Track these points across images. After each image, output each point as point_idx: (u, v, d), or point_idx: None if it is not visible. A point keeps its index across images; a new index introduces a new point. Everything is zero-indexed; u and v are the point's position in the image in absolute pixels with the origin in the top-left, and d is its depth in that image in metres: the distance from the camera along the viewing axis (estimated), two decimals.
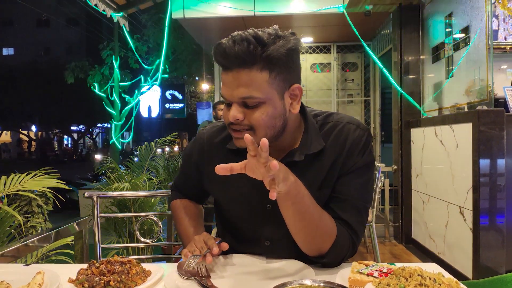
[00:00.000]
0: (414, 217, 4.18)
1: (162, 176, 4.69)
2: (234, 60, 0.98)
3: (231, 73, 0.99)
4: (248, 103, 1.00)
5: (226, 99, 1.03)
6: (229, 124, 1.05)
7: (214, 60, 1.06)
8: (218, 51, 1.00)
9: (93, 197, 1.67)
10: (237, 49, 0.96)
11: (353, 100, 6.61)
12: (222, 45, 0.99)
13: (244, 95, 0.99)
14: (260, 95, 0.99)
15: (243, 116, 1.01)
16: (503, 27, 3.74)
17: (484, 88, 3.17)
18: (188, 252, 1.06)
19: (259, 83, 0.99)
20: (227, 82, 1.01)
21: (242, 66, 0.98)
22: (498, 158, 2.75)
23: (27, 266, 1.08)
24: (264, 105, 1.01)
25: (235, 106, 1.01)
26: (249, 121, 1.01)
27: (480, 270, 2.77)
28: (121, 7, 5.28)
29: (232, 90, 1.00)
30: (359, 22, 4.82)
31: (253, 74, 0.98)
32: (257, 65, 0.98)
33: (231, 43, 0.97)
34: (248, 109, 1.01)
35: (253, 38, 0.97)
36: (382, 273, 0.91)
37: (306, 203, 1.00)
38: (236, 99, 1.00)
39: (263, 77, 0.99)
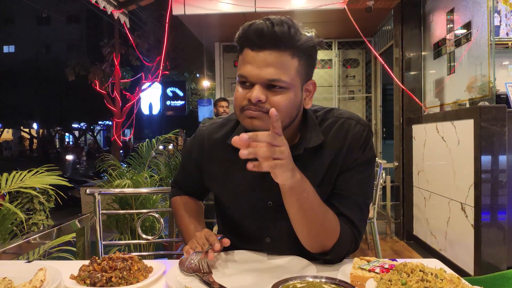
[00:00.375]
0: (416, 214, 4.18)
1: (163, 173, 4.70)
2: (270, 40, 0.98)
3: (263, 53, 0.98)
4: (275, 85, 0.99)
5: (249, 79, 1.01)
6: (243, 106, 1.02)
7: (236, 40, 1.04)
8: (253, 29, 0.99)
9: (95, 194, 1.68)
10: (277, 30, 0.97)
11: (354, 96, 6.60)
12: (258, 24, 0.98)
13: (273, 76, 0.98)
14: (288, 80, 1.00)
15: (265, 98, 1.00)
16: (505, 23, 3.72)
17: (486, 84, 3.16)
18: (189, 248, 1.06)
19: (288, 67, 1.00)
20: (255, 62, 0.99)
21: (277, 48, 0.98)
22: (499, 154, 2.75)
23: (29, 263, 1.08)
24: (288, 91, 1.01)
25: (259, 87, 0.99)
26: (271, 104, 1.00)
27: (482, 266, 2.77)
28: (122, 4, 5.27)
29: (260, 69, 0.98)
30: (360, 18, 4.80)
31: (285, 58, 0.99)
32: (290, 50, 0.99)
33: (269, 23, 0.97)
34: (270, 92, 1.00)
35: (292, 23, 0.99)
36: (384, 269, 0.91)
37: (311, 200, 0.99)
38: (262, 79, 0.99)
39: (293, 63, 1.01)
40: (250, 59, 1.00)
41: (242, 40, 1.03)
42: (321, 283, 0.87)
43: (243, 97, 1.02)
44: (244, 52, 1.02)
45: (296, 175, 0.93)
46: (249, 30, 1.00)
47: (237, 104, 1.05)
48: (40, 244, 1.52)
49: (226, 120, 1.24)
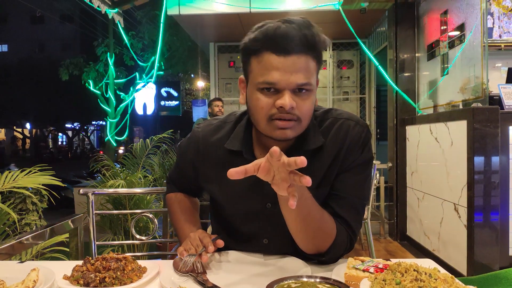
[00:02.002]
0: (409, 214, 4.20)
1: (157, 174, 4.68)
2: (300, 44, 0.95)
3: (291, 58, 0.96)
4: (305, 89, 0.98)
5: (277, 85, 0.97)
6: (272, 115, 0.99)
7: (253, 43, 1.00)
8: (280, 33, 0.95)
9: (88, 194, 1.67)
10: (307, 33, 0.96)
11: (349, 97, 6.62)
12: (284, 28, 0.95)
13: (303, 81, 0.97)
14: (313, 83, 1.00)
15: (295, 104, 0.98)
16: (498, 25, 3.76)
17: (479, 85, 3.18)
18: (183, 250, 1.06)
19: (312, 70, 1.00)
20: (283, 67, 0.96)
21: (305, 51, 0.97)
22: (492, 155, 2.77)
23: (22, 264, 1.07)
24: (312, 93, 1.01)
25: (289, 93, 0.97)
26: (299, 110, 0.99)
27: (475, 266, 2.78)
28: (116, 3, 5.25)
29: (290, 75, 0.96)
30: (354, 19, 4.82)
31: (309, 61, 0.99)
32: (312, 53, 0.99)
33: (296, 27, 0.95)
34: (298, 97, 0.99)
35: (313, 25, 0.98)
36: (378, 269, 0.91)
37: (309, 205, 0.98)
38: (292, 85, 0.97)
39: (313, 65, 1.00)
40: (276, 65, 0.96)
41: (263, 43, 0.98)
42: (316, 283, 0.87)
43: (270, 105, 0.99)
44: (265, 56, 0.98)
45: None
46: (274, 34, 0.96)
47: (264, 113, 1.00)
48: (33, 244, 1.51)
49: (222, 122, 1.22)
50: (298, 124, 1.00)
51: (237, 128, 1.16)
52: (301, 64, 0.96)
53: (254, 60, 1.01)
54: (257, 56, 1.00)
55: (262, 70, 0.98)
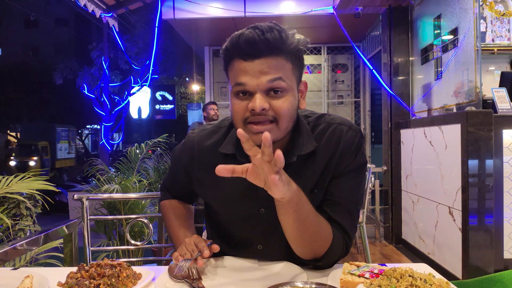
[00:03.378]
0: (404, 218, 4.21)
1: (152, 178, 4.67)
2: (263, 47, 0.97)
3: (258, 61, 0.98)
4: (277, 87, 0.99)
5: (247, 88, 0.99)
6: (246, 118, 1.01)
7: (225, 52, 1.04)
8: (244, 39, 0.98)
9: (83, 200, 1.66)
10: (268, 36, 0.97)
11: (343, 101, 6.64)
12: (248, 34, 0.98)
13: (274, 76, 0.98)
14: (288, 81, 1.01)
15: (268, 105, 0.99)
16: (490, 29, 3.79)
17: (473, 89, 3.20)
18: (178, 255, 1.05)
19: (286, 70, 1.01)
20: (251, 70, 0.98)
21: (272, 53, 0.99)
22: (486, 158, 2.78)
23: (16, 270, 1.06)
24: (287, 94, 1.01)
25: (261, 95, 0.98)
26: (274, 110, 1.00)
27: (470, 269, 2.79)
28: (111, 8, 5.24)
29: (259, 76, 0.98)
30: (349, 23, 4.84)
31: (281, 61, 1.00)
32: (283, 54, 1.00)
33: (258, 32, 0.97)
34: (272, 98, 1.00)
35: (280, 27, 1.00)
36: (373, 274, 0.91)
37: (306, 211, 0.98)
38: (263, 85, 0.98)
39: (288, 66, 1.02)
40: (245, 69, 0.99)
41: (232, 51, 1.02)
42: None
43: (244, 108, 1.00)
44: (235, 63, 1.01)
45: (293, 186, 0.91)
46: (239, 41, 0.99)
47: (239, 117, 1.02)
48: (27, 250, 1.50)
49: (216, 127, 1.23)
50: (275, 127, 1.01)
51: (231, 132, 1.16)
52: (269, 65, 0.98)
53: (229, 68, 1.05)
54: (230, 64, 1.04)
55: (234, 76, 1.02)
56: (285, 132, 1.05)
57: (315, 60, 6.54)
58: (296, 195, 0.93)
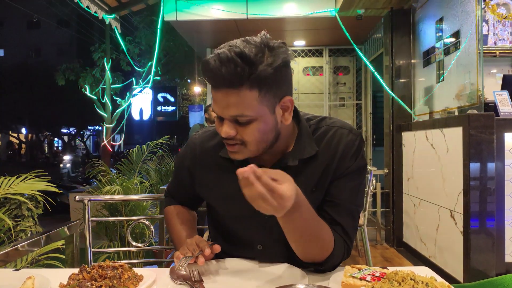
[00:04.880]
0: (406, 221, 4.20)
1: (154, 180, 4.67)
2: (221, 81, 0.96)
3: (220, 92, 0.98)
4: (240, 120, 1.00)
5: (219, 115, 1.03)
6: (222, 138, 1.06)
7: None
8: (206, 70, 0.98)
9: (84, 201, 1.66)
10: (224, 71, 0.93)
11: (345, 103, 6.64)
12: (209, 65, 0.96)
13: (235, 113, 0.98)
14: (251, 113, 0.98)
15: (235, 132, 1.01)
16: (492, 32, 3.78)
17: (475, 92, 3.20)
18: (180, 254, 1.07)
19: (248, 102, 0.97)
20: (217, 100, 1.00)
21: (231, 87, 0.96)
22: (488, 161, 2.78)
23: (17, 271, 1.06)
24: (256, 121, 1.00)
25: (227, 123, 1.01)
26: (242, 136, 1.02)
27: (471, 273, 2.78)
28: (113, 9, 5.26)
29: (223, 108, 0.99)
30: (351, 26, 4.84)
31: (242, 94, 0.96)
32: (245, 85, 0.95)
33: (218, 64, 0.94)
34: (240, 125, 1.01)
35: (239, 58, 0.93)
36: (375, 277, 0.91)
37: (307, 217, 0.97)
38: (227, 116, 1.00)
39: (252, 96, 0.97)
40: (214, 96, 1.01)
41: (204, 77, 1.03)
42: None
43: (218, 129, 1.05)
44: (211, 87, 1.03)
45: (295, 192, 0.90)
46: (203, 70, 0.99)
47: (220, 136, 1.07)
48: (28, 251, 1.50)
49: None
50: (244, 148, 1.03)
51: None
52: (231, 99, 0.97)
53: None
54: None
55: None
56: (257, 152, 1.06)
57: (317, 62, 6.54)
58: (296, 202, 0.91)
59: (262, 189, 0.82)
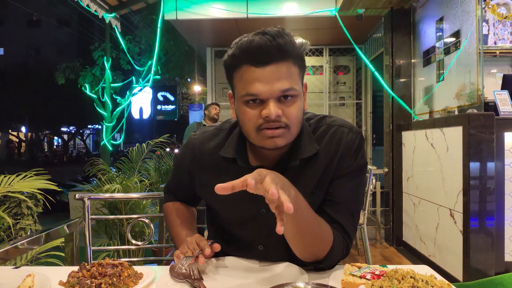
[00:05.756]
0: (405, 220, 4.20)
1: (153, 178, 4.67)
2: (276, 53, 0.97)
3: (270, 67, 0.98)
4: (289, 94, 0.99)
5: (260, 96, 0.98)
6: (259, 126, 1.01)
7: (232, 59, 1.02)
8: (255, 46, 0.97)
9: (84, 199, 1.66)
10: (281, 42, 0.97)
11: (345, 103, 6.64)
12: (258, 40, 0.97)
13: (287, 86, 0.98)
14: (297, 87, 1.01)
15: (281, 112, 0.99)
16: (493, 32, 3.78)
17: (475, 91, 3.20)
18: (180, 253, 1.06)
19: (295, 75, 1.02)
20: (263, 78, 0.98)
21: (283, 59, 0.99)
22: (488, 161, 2.78)
23: (17, 269, 1.06)
24: (298, 99, 1.02)
25: (274, 102, 0.98)
26: (286, 116, 1.00)
27: (470, 272, 2.79)
28: (113, 8, 5.26)
29: (272, 84, 0.98)
30: (351, 25, 4.84)
31: (290, 66, 1.00)
32: (292, 59, 1.01)
33: (269, 37, 0.97)
34: (283, 104, 1.00)
35: (287, 32, 1.00)
36: (375, 275, 0.91)
37: (306, 216, 0.97)
38: (276, 93, 0.98)
39: (296, 70, 1.02)
40: (256, 76, 0.98)
41: (241, 58, 1.00)
42: None
43: (256, 116, 1.00)
44: (244, 69, 1.00)
45: (291, 194, 0.90)
46: (250, 47, 0.97)
47: (251, 125, 1.02)
48: (28, 249, 1.50)
49: (217, 130, 1.24)
50: (287, 131, 1.01)
51: (232, 135, 1.17)
52: (282, 71, 0.98)
53: (236, 75, 1.04)
54: (238, 71, 1.02)
55: (244, 83, 1.00)
56: (295, 136, 1.05)
57: (317, 61, 6.54)
58: (294, 201, 0.90)
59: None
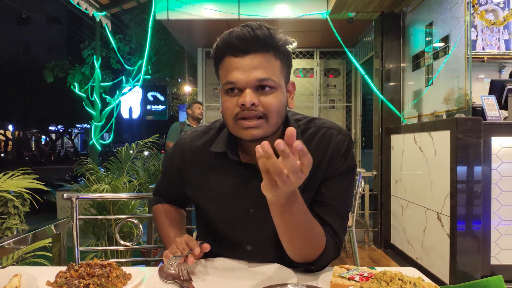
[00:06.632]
0: (393, 222, 4.23)
1: (142, 179, 4.64)
2: (254, 43, 1.01)
3: (248, 57, 1.01)
4: (266, 85, 1.01)
5: (237, 85, 1.01)
6: (236, 114, 1.02)
7: (216, 50, 1.06)
8: (234, 36, 1.01)
9: (72, 199, 1.64)
10: (259, 33, 1.01)
11: (335, 105, 6.68)
12: (238, 31, 1.01)
13: (263, 76, 1.01)
14: (276, 80, 1.03)
15: (258, 101, 1.01)
16: (481, 38, 3.84)
17: (463, 96, 3.24)
18: (169, 253, 1.06)
19: (274, 67, 1.03)
20: (241, 66, 1.01)
21: (262, 50, 1.02)
22: (475, 165, 2.81)
23: (3, 269, 1.05)
24: (276, 91, 1.04)
25: (250, 91, 1.01)
26: (263, 106, 1.02)
27: (457, 275, 2.82)
28: (104, 7, 5.22)
29: (249, 72, 1.00)
30: (342, 28, 4.87)
31: (270, 59, 1.03)
32: (272, 51, 1.03)
33: (249, 29, 1.01)
34: (261, 94, 1.02)
35: (269, 26, 1.04)
36: (363, 277, 0.92)
37: (301, 214, 0.96)
38: (253, 82, 1.01)
39: (276, 64, 1.04)
40: (235, 65, 1.02)
41: (223, 49, 1.04)
42: None
43: (234, 105, 1.03)
44: (226, 60, 1.04)
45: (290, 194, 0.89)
46: (230, 38, 1.02)
47: (229, 113, 1.04)
48: (14, 249, 1.48)
49: (207, 129, 1.24)
50: (265, 122, 1.02)
51: (222, 132, 1.18)
52: (259, 61, 1.01)
53: (219, 66, 1.08)
54: (221, 62, 1.06)
55: (225, 72, 1.04)
56: (274, 128, 1.06)
57: (308, 64, 6.57)
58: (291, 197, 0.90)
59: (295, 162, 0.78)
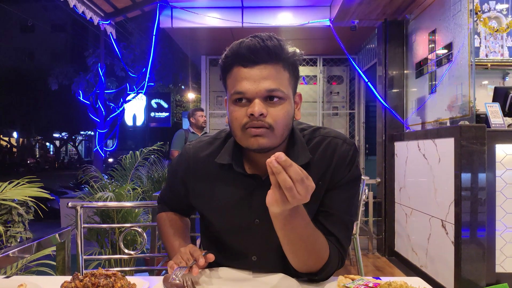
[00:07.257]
0: (397, 230, 4.21)
1: (146, 186, 4.65)
2: (263, 54, 1.01)
3: (258, 67, 1.02)
4: (274, 95, 1.02)
5: (246, 95, 1.01)
6: (244, 124, 1.03)
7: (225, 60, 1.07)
8: (244, 47, 1.01)
9: (77, 207, 1.65)
10: (269, 44, 1.01)
11: (338, 112, 6.68)
12: (248, 42, 1.02)
13: (272, 86, 1.01)
14: (285, 90, 1.03)
15: (266, 111, 1.01)
16: (484, 45, 3.84)
17: (466, 103, 3.24)
18: (174, 264, 1.05)
19: (283, 78, 1.04)
20: (251, 77, 1.01)
21: (271, 61, 1.02)
22: (479, 172, 2.80)
23: (8, 279, 1.05)
24: (285, 102, 1.04)
25: (259, 101, 1.01)
26: (271, 117, 1.02)
27: (462, 283, 2.80)
28: (109, 15, 5.25)
29: (258, 83, 1.01)
30: (345, 36, 4.89)
31: (279, 70, 1.04)
32: (282, 62, 1.04)
33: (259, 40, 1.01)
34: (269, 105, 1.02)
35: (279, 37, 1.04)
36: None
37: (304, 227, 0.97)
38: (262, 92, 1.01)
39: (285, 75, 1.05)
40: (245, 75, 1.02)
41: (232, 58, 1.04)
42: None
43: (243, 114, 1.02)
44: (235, 70, 1.04)
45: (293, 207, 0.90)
46: (240, 48, 1.02)
47: (238, 123, 1.04)
48: (19, 258, 1.48)
49: (212, 139, 1.24)
50: (270, 132, 1.02)
51: (227, 143, 1.18)
52: (269, 72, 1.02)
53: (227, 76, 1.08)
54: (229, 72, 1.07)
55: (234, 82, 1.04)
56: (280, 140, 1.06)
57: (311, 71, 6.58)
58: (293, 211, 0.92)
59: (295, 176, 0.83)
